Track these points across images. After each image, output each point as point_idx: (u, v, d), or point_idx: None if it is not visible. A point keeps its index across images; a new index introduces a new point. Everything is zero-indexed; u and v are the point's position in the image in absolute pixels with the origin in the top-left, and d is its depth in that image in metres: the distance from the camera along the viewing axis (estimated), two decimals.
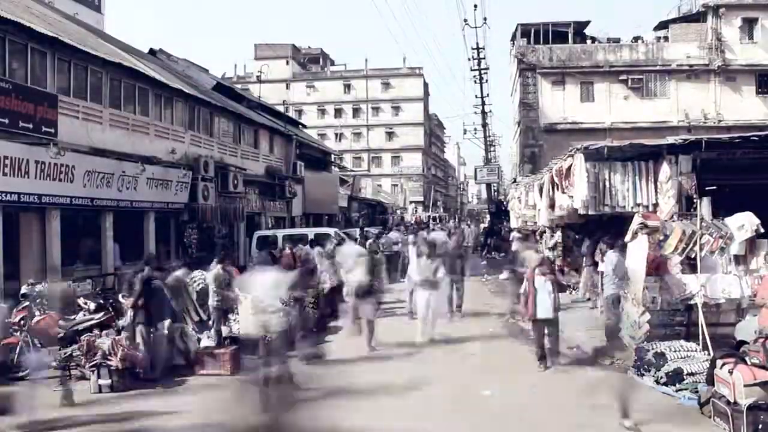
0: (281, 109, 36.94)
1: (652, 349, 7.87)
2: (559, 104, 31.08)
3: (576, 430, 6.36)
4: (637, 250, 8.82)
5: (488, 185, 37.76)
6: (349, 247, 13.31)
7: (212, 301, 10.31)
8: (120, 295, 10.57)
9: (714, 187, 9.30)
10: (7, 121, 11.66)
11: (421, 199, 65.75)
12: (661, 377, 7.40)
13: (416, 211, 61.26)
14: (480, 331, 11.43)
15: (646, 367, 7.76)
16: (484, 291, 16.74)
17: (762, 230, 8.89)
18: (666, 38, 31.44)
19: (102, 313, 9.67)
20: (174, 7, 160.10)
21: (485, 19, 43.91)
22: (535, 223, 16.85)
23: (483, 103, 35.17)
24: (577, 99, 31.03)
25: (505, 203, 31.51)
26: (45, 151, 12.38)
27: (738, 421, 5.82)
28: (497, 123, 70.29)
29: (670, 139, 9.79)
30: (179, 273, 11.01)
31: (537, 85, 31.65)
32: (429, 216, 53.79)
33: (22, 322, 8.96)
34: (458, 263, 12.95)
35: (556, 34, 32.16)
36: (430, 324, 10.66)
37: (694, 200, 9.23)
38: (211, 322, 10.64)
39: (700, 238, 8.74)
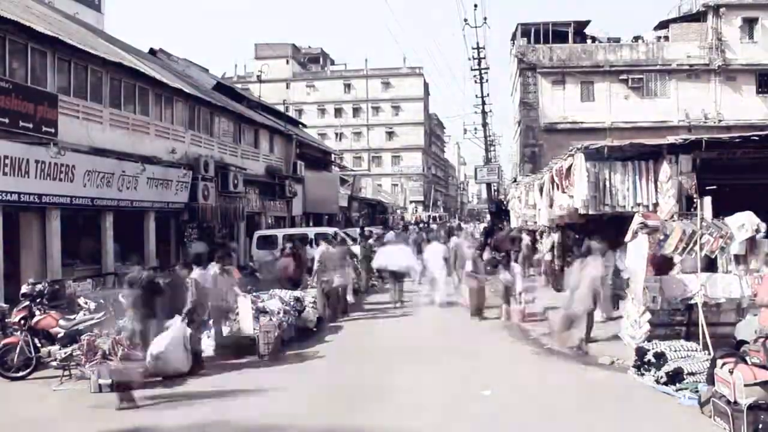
0: (281, 108, 36.94)
1: (652, 348, 7.86)
2: (560, 104, 31.03)
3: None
4: (637, 250, 8.82)
5: (488, 185, 37.67)
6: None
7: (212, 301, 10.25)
8: (120, 295, 10.54)
9: (714, 187, 9.30)
10: (7, 120, 11.67)
11: (422, 198, 65.78)
12: (661, 377, 7.38)
13: (416, 210, 61.29)
14: (480, 332, 11.43)
15: (646, 366, 7.75)
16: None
17: (762, 230, 8.88)
18: (666, 38, 31.38)
19: (102, 313, 9.65)
20: (174, 7, 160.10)
21: (485, 19, 44.01)
22: (535, 222, 16.84)
23: (483, 103, 35.08)
24: (578, 99, 30.97)
25: (505, 203, 31.44)
26: (45, 150, 12.39)
27: (738, 420, 5.80)
28: (497, 123, 70.61)
29: (671, 139, 9.78)
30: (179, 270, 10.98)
31: (537, 85, 31.59)
32: (429, 216, 53.82)
33: (22, 322, 8.96)
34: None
35: (556, 33, 32.10)
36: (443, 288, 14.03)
37: (694, 200, 9.22)
38: (211, 322, 10.62)
39: (700, 238, 8.73)
